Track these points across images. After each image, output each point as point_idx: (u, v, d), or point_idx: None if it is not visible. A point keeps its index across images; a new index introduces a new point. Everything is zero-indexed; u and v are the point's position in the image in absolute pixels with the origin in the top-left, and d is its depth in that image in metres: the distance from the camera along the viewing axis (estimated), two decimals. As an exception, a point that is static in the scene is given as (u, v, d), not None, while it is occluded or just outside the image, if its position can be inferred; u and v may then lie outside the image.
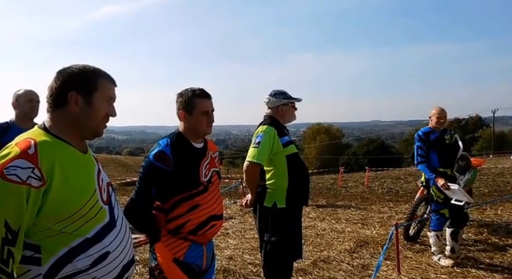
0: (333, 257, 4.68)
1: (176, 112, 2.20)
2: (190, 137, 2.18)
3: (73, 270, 1.34)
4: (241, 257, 4.74)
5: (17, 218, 1.22)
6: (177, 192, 2.08)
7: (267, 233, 3.09)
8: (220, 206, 2.28)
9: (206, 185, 2.17)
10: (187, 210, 2.09)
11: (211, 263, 2.30)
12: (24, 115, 3.04)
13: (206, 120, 2.17)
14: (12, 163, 1.23)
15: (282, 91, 3.27)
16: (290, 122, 3.34)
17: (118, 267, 1.45)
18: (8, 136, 2.90)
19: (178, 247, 2.10)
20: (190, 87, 2.19)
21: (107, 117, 1.49)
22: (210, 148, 2.30)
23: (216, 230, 2.23)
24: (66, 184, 1.31)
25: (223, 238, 5.52)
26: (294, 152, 3.15)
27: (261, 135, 3.06)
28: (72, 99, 1.40)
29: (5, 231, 1.21)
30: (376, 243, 5.14)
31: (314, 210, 7.69)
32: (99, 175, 1.48)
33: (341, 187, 11.76)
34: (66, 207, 1.32)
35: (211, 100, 2.21)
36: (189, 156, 2.14)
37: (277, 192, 3.07)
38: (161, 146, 2.09)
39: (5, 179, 1.21)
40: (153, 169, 2.04)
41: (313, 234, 5.76)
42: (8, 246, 1.22)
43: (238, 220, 6.92)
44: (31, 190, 1.23)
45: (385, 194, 10.10)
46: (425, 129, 4.61)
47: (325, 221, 6.67)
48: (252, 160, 3.05)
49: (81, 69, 1.44)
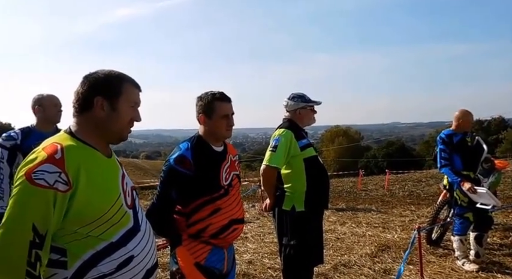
0: (354, 261, 4.61)
1: (196, 115, 2.21)
2: (210, 140, 2.19)
3: (98, 274, 1.35)
4: (261, 261, 4.72)
5: (44, 222, 1.24)
6: (198, 196, 2.09)
7: (286, 237, 3.07)
8: (242, 209, 2.28)
9: (227, 189, 2.17)
10: (208, 214, 2.10)
11: (232, 267, 2.30)
12: (49, 119, 3.05)
13: (226, 123, 2.17)
14: (40, 167, 1.25)
15: (301, 94, 3.25)
16: (309, 125, 3.32)
17: (142, 271, 1.45)
18: (29, 140, 2.94)
19: (199, 251, 2.10)
20: (210, 91, 2.19)
21: (132, 122, 1.51)
22: (230, 152, 2.30)
23: (237, 234, 2.23)
24: (91, 188, 1.32)
25: (242, 242, 5.51)
26: (312, 156, 3.12)
27: (278, 138, 3.06)
28: (98, 103, 1.41)
29: (32, 234, 1.22)
30: (398, 248, 5.04)
31: (334, 213, 7.61)
32: (123, 179, 1.49)
33: (361, 190, 11.62)
34: (91, 211, 1.33)
35: (231, 103, 2.21)
36: (210, 160, 2.15)
37: (296, 195, 3.05)
38: (182, 150, 2.10)
39: (32, 183, 1.23)
40: (173, 173, 2.05)
41: (333, 238, 5.69)
42: (35, 250, 1.23)
43: (257, 223, 6.91)
44: (58, 194, 1.25)
45: (406, 198, 9.92)
46: (447, 131, 4.51)
47: (345, 225, 6.59)
48: (268, 163, 3.04)
49: (106, 74, 1.46)
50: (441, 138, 4.46)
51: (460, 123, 4.39)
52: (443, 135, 4.47)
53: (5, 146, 2.97)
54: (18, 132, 3.02)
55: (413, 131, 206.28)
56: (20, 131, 3.02)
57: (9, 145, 2.97)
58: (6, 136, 3.00)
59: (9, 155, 2.97)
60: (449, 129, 4.55)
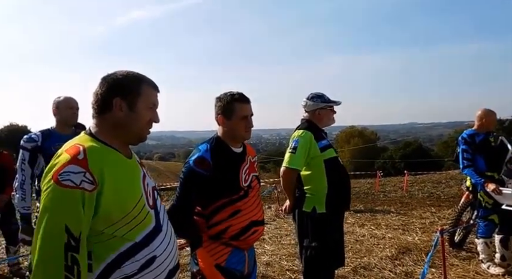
0: (374, 263, 4.53)
1: (215, 116, 2.19)
2: (229, 142, 2.17)
3: (121, 276, 1.35)
4: (279, 263, 4.69)
5: (76, 223, 1.24)
6: (218, 197, 2.07)
7: (306, 239, 3.03)
8: (261, 211, 2.26)
9: (246, 190, 2.15)
10: (228, 215, 2.08)
11: (253, 269, 2.28)
12: (65, 121, 3.10)
13: (245, 124, 2.14)
14: (65, 169, 1.26)
15: (320, 94, 3.20)
16: (328, 126, 3.27)
17: (164, 271, 1.45)
18: (48, 141, 2.99)
19: (219, 253, 2.09)
20: (229, 91, 2.17)
21: (151, 123, 1.50)
22: (249, 153, 2.28)
23: (257, 235, 2.21)
24: (115, 188, 1.33)
25: (260, 244, 5.48)
26: (332, 157, 3.07)
27: (297, 140, 3.02)
28: (117, 104, 1.41)
29: (66, 236, 1.22)
30: (419, 250, 4.93)
31: (352, 215, 7.51)
32: (144, 180, 1.49)
33: (379, 191, 11.44)
34: (117, 210, 1.33)
35: (250, 104, 2.19)
36: (229, 161, 2.13)
37: (317, 197, 3.01)
38: (201, 151, 2.09)
39: (60, 185, 1.24)
40: (193, 174, 2.03)
41: (352, 240, 5.62)
42: (71, 253, 1.22)
43: (274, 225, 6.87)
44: (85, 194, 1.26)
45: (426, 199, 9.73)
46: (469, 131, 4.39)
47: (364, 227, 6.50)
48: (288, 165, 3.01)
49: (124, 75, 1.45)
50: (463, 138, 4.34)
51: (483, 122, 4.27)
52: (465, 134, 4.35)
53: (26, 148, 3.03)
54: (38, 133, 3.08)
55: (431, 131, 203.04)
56: (40, 133, 3.08)
57: (30, 147, 3.03)
58: (27, 138, 3.06)
59: (30, 156, 3.03)
60: (471, 128, 4.43)
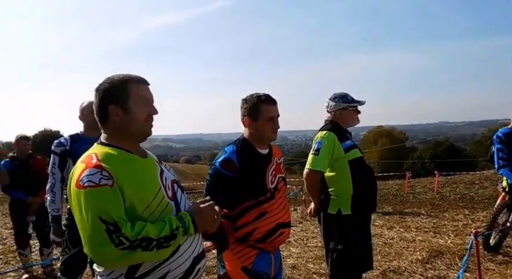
0: (404, 267, 4.40)
1: (241, 118, 2.19)
2: (255, 143, 2.16)
3: (151, 266, 1.42)
4: (305, 266, 4.63)
5: (107, 212, 1.32)
6: (244, 199, 2.06)
7: (332, 241, 2.98)
8: (288, 213, 2.23)
9: (273, 192, 2.13)
10: (254, 217, 2.07)
11: (279, 271, 2.26)
12: (90, 126, 3.18)
13: (271, 126, 2.13)
14: (83, 174, 1.36)
15: (343, 94, 3.13)
16: (353, 126, 3.20)
17: (189, 259, 1.51)
18: (77, 145, 3.09)
19: (246, 255, 2.08)
20: (255, 93, 2.17)
21: (150, 117, 1.55)
22: (275, 154, 2.26)
23: (284, 238, 2.19)
24: (130, 183, 1.40)
25: (285, 246, 5.43)
26: (357, 157, 3.01)
27: (320, 141, 2.97)
28: (112, 111, 1.48)
29: (104, 225, 1.31)
30: (452, 254, 4.76)
31: (380, 217, 7.35)
32: (162, 175, 1.55)
33: (408, 193, 11.16)
34: (138, 202, 1.40)
35: (277, 105, 2.17)
36: (255, 163, 2.12)
37: (342, 198, 2.95)
38: (227, 153, 2.09)
39: (82, 187, 1.34)
40: (219, 176, 2.04)
41: (380, 243, 5.48)
42: (115, 234, 1.31)
43: (300, 227, 6.80)
44: (107, 188, 1.35)
45: (459, 201, 9.41)
46: (505, 129, 4.21)
47: (393, 229, 6.34)
48: (311, 167, 2.97)
49: (111, 81, 1.51)
50: (498, 136, 4.17)
51: None
52: (501, 133, 4.18)
53: (55, 152, 3.15)
54: (67, 138, 3.20)
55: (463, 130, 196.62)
56: (69, 137, 3.20)
57: (59, 151, 3.15)
58: (56, 142, 3.19)
59: (60, 160, 3.15)
60: (507, 127, 4.25)
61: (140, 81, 1.54)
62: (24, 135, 4.82)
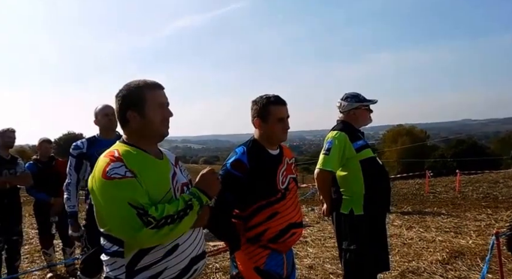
0: (423, 268, 4.34)
1: (251, 119, 2.21)
2: (265, 144, 2.18)
3: (150, 261, 1.55)
4: (322, 266, 4.61)
5: (134, 199, 1.46)
6: (255, 200, 2.08)
7: (345, 241, 2.98)
8: (300, 213, 2.23)
9: (284, 193, 2.14)
10: (266, 218, 2.08)
11: (291, 271, 2.26)
12: (104, 128, 3.31)
13: (281, 126, 2.14)
14: (109, 167, 1.50)
15: (354, 94, 3.15)
16: (365, 125, 3.21)
17: (186, 259, 1.61)
18: (94, 148, 3.20)
19: (258, 255, 2.10)
20: (265, 94, 2.18)
21: (165, 120, 1.67)
22: (286, 155, 2.27)
23: (296, 238, 2.19)
24: (146, 179, 1.53)
25: (302, 247, 5.43)
26: (369, 157, 3.01)
27: (331, 141, 2.99)
28: (131, 117, 1.62)
29: (134, 210, 1.44)
30: (474, 254, 4.66)
31: (399, 217, 7.26)
32: (173, 177, 1.68)
33: (428, 192, 10.95)
34: (150, 198, 1.51)
35: (286, 106, 2.19)
36: (266, 163, 2.13)
37: (354, 198, 2.95)
38: (238, 154, 2.11)
39: (109, 178, 1.48)
40: (230, 177, 2.06)
41: (399, 244, 5.42)
42: (145, 217, 1.44)
43: (317, 227, 6.78)
44: (131, 180, 1.49)
45: (481, 200, 9.18)
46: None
47: (412, 230, 6.25)
48: (322, 167, 2.98)
49: (127, 89, 1.64)
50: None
51: None
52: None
53: (73, 154, 3.29)
54: (84, 141, 3.31)
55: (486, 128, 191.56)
56: (86, 140, 3.32)
57: (76, 154, 3.29)
58: (74, 145, 3.32)
59: (76, 162, 3.30)
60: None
61: (155, 86, 1.66)
62: (47, 138, 4.98)
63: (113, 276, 1.59)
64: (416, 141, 48.21)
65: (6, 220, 4.26)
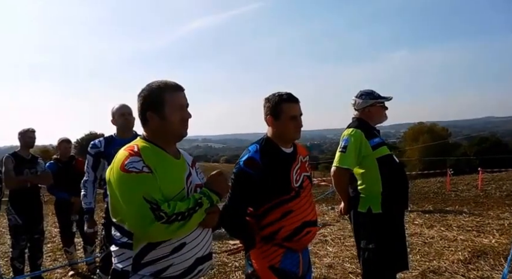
0: (445, 267, 4.25)
1: (264, 117, 2.19)
2: (279, 142, 2.16)
3: (157, 256, 1.58)
4: (342, 265, 4.57)
5: (149, 194, 1.51)
6: (269, 198, 2.06)
7: (363, 240, 2.94)
8: (314, 212, 2.21)
9: (298, 191, 2.11)
10: (280, 216, 2.06)
11: (307, 270, 2.24)
12: (121, 128, 3.36)
13: (294, 124, 2.12)
14: (127, 161, 1.55)
15: (369, 91, 3.11)
16: (381, 123, 3.17)
17: (192, 258, 1.64)
18: (111, 147, 3.25)
19: (273, 254, 2.08)
20: (277, 92, 2.17)
21: (183, 121, 1.71)
22: (300, 153, 2.25)
23: (311, 236, 2.17)
24: (161, 176, 1.57)
25: (322, 245, 5.39)
26: (385, 154, 2.96)
27: (347, 139, 2.96)
28: (150, 117, 1.67)
29: (148, 205, 1.49)
30: (497, 254, 4.53)
31: (420, 216, 7.13)
32: (188, 178, 1.72)
33: (450, 190, 10.73)
34: (163, 193, 1.56)
35: (299, 104, 2.17)
36: (279, 161, 2.11)
37: (371, 197, 2.91)
38: (251, 152, 2.10)
39: (127, 172, 1.53)
40: (243, 175, 2.05)
41: (419, 243, 5.32)
42: (158, 212, 1.49)
43: (337, 226, 6.72)
44: (148, 175, 1.54)
45: (505, 198, 8.94)
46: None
47: (433, 228, 6.13)
48: (338, 165, 2.95)
49: (148, 89, 1.69)
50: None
51: None
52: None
53: (90, 153, 3.37)
54: (101, 140, 3.37)
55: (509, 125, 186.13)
56: (104, 139, 3.38)
57: (93, 153, 3.35)
58: (91, 144, 3.40)
59: (93, 161, 3.37)
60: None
61: (175, 88, 1.70)
62: (66, 138, 5.08)
63: (120, 267, 1.64)
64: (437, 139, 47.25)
65: (28, 219, 4.38)
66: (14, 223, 4.36)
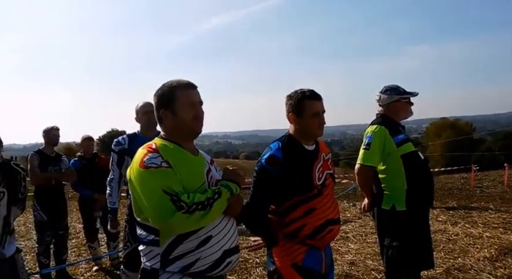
0: (470, 265, 4.15)
1: (286, 114, 2.17)
2: (301, 139, 2.14)
3: (184, 251, 1.60)
4: (364, 262, 4.52)
5: (169, 186, 1.53)
6: (291, 196, 2.05)
7: (387, 238, 2.90)
8: (337, 209, 2.18)
9: (320, 189, 2.09)
10: (302, 214, 2.05)
11: (330, 268, 2.22)
12: (145, 126, 3.35)
13: (317, 121, 2.10)
14: (146, 157, 1.59)
15: (394, 86, 3.04)
16: (406, 119, 3.10)
17: (219, 251, 1.64)
18: (134, 145, 3.24)
19: (295, 252, 2.07)
20: (299, 89, 2.14)
21: (196, 118, 1.72)
22: (322, 150, 2.22)
23: (334, 234, 2.15)
24: (180, 171, 1.60)
25: (343, 242, 5.34)
26: (411, 151, 2.91)
27: (370, 136, 2.92)
28: (164, 115, 1.71)
29: (168, 197, 1.51)
30: (526, 252, 4.40)
31: (443, 213, 6.97)
32: (208, 173, 1.74)
33: (475, 187, 10.44)
34: (184, 188, 1.58)
35: (322, 101, 2.14)
36: (301, 159, 2.09)
37: (396, 194, 2.87)
38: (272, 150, 2.09)
39: (146, 167, 1.56)
40: (265, 173, 2.04)
41: (443, 240, 5.21)
42: (179, 203, 1.51)
43: (359, 223, 6.64)
44: (167, 170, 1.57)
45: (533, 195, 8.66)
46: None
47: (457, 225, 5.99)
48: (362, 162, 2.91)
49: (161, 88, 1.73)
50: None
51: None
52: None
53: (114, 150, 3.35)
54: (125, 137, 3.37)
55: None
56: (127, 136, 3.38)
57: (118, 150, 3.34)
58: (115, 141, 3.39)
59: (118, 158, 3.35)
60: None
61: (187, 86, 1.72)
62: (88, 135, 5.17)
63: (149, 266, 1.65)
64: (461, 134, 46.09)
65: (53, 215, 4.48)
66: (39, 219, 4.47)
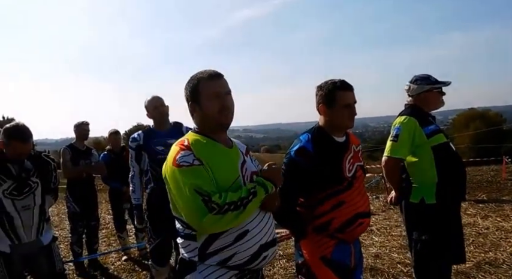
0: (502, 259, 4.04)
1: (316, 105, 2.14)
2: (331, 131, 2.11)
3: (220, 245, 1.60)
4: (389, 255, 4.47)
5: (201, 186, 1.53)
6: (321, 188, 2.03)
7: (416, 232, 2.84)
8: (367, 202, 2.16)
9: (351, 181, 2.07)
10: (332, 207, 2.03)
11: (359, 261, 2.21)
12: (157, 121, 3.33)
13: (348, 113, 2.06)
14: (179, 155, 1.59)
15: (425, 76, 2.94)
16: (437, 109, 2.99)
17: (256, 245, 1.63)
18: (149, 139, 3.25)
19: (324, 245, 2.06)
20: (330, 79, 2.11)
21: (222, 109, 1.67)
22: (353, 142, 2.19)
23: (363, 228, 2.13)
24: (214, 166, 1.59)
25: (368, 235, 5.29)
26: (442, 142, 2.81)
27: (399, 127, 2.83)
28: (192, 108, 1.71)
29: (200, 197, 1.51)
30: (561, 247, 4.25)
31: (473, 206, 6.79)
32: (243, 165, 1.72)
33: (506, 179, 10.11)
34: (218, 184, 1.58)
35: (353, 92, 2.10)
36: (332, 151, 2.07)
37: (425, 187, 2.79)
38: (302, 142, 2.07)
39: (179, 166, 1.56)
40: (294, 165, 2.02)
41: (473, 233, 5.09)
42: (210, 204, 1.50)
43: (383, 216, 6.56)
44: (199, 168, 1.56)
45: None
46: None
47: (488, 219, 5.82)
48: (390, 154, 2.84)
49: (188, 81, 1.72)
50: None
51: None
52: None
53: (131, 147, 3.36)
54: (140, 133, 3.37)
55: None
56: (142, 132, 3.37)
57: (134, 146, 3.33)
58: (131, 138, 3.38)
59: (136, 154, 3.35)
60: None
61: (211, 77, 1.69)
62: (115, 129, 5.30)
63: (187, 257, 1.68)
64: (490, 125, 44.54)
65: (84, 207, 4.64)
66: (72, 210, 4.66)
